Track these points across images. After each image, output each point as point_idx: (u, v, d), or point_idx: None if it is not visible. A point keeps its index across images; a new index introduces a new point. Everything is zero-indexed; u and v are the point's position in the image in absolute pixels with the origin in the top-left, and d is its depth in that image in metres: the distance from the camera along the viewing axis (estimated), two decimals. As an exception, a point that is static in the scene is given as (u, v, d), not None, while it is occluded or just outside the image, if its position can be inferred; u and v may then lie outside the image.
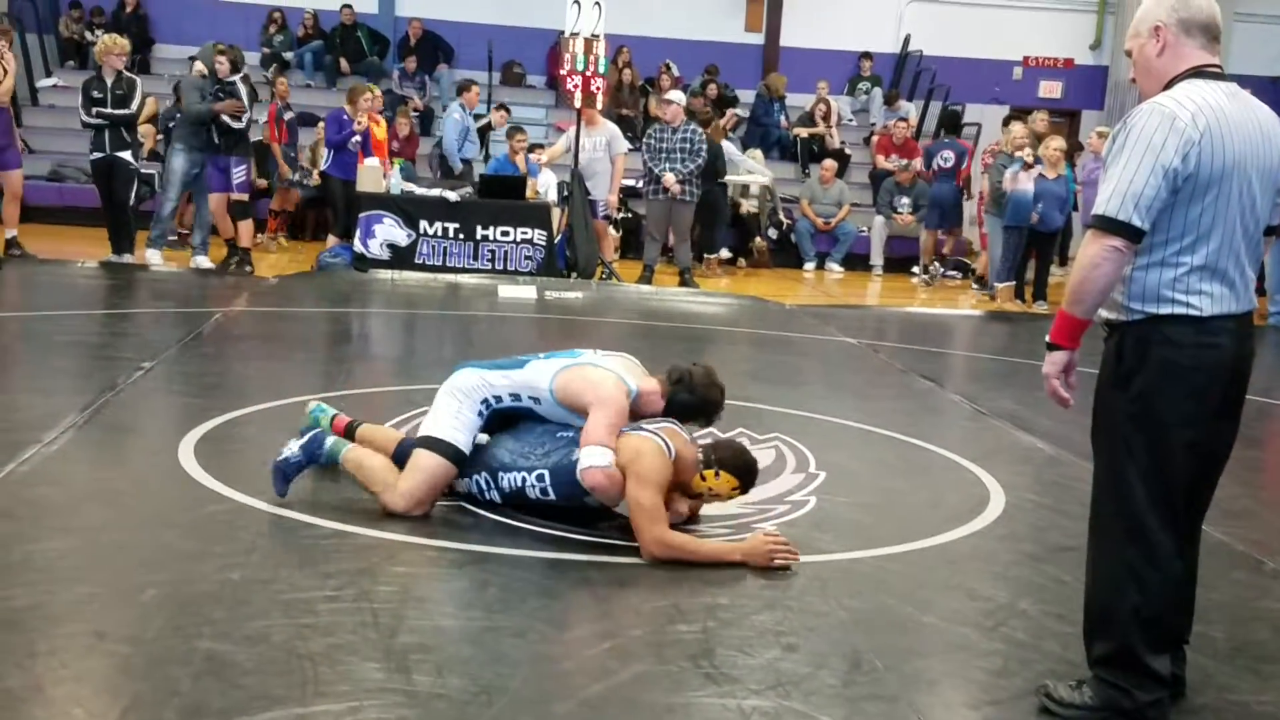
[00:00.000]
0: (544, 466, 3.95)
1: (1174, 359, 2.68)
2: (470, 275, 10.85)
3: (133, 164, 10.23)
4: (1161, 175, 2.60)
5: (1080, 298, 2.70)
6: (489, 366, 4.14)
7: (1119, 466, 2.76)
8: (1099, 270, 2.65)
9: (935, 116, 16.08)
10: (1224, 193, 2.66)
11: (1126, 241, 2.63)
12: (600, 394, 3.88)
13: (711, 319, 10.09)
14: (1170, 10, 2.76)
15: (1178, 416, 2.69)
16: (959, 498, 4.70)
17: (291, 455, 4.04)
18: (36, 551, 3.47)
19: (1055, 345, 2.78)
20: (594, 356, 4.10)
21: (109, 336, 7.56)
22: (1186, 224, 2.66)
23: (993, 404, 6.70)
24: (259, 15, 16.27)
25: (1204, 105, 2.65)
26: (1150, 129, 2.63)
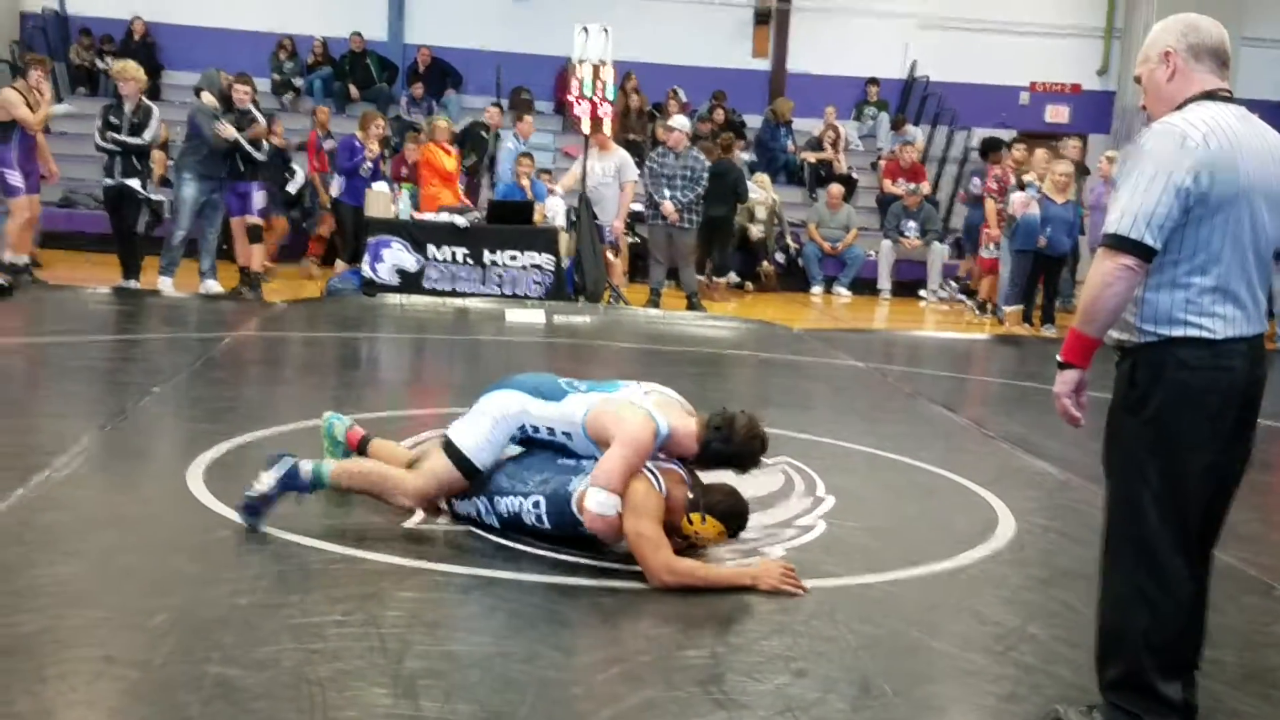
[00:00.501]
0: (540, 494, 3.95)
1: (1188, 382, 2.67)
2: (478, 300, 10.88)
3: (141, 192, 10.28)
4: (1174, 194, 2.60)
5: (1092, 316, 2.69)
6: (533, 393, 4.06)
7: (1132, 490, 2.74)
8: (1111, 289, 2.64)
9: (942, 141, 16.13)
10: (1235, 214, 2.66)
11: (1138, 260, 2.63)
12: (625, 430, 3.80)
13: (719, 342, 10.09)
14: (1180, 36, 2.77)
15: (1192, 440, 2.68)
16: (968, 522, 4.69)
17: (268, 489, 3.90)
18: (46, 576, 3.47)
19: (1067, 364, 2.77)
20: (633, 391, 4.03)
21: (119, 361, 7.59)
22: (1198, 244, 2.66)
23: (1001, 428, 6.69)
24: (269, 42, 16.39)
25: (1215, 126, 2.65)
26: (1162, 148, 2.63)
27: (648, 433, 3.81)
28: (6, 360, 7.55)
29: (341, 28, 16.29)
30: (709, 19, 17.25)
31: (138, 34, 16.01)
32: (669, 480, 3.88)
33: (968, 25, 17.48)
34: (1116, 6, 17.75)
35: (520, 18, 16.89)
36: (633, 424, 3.81)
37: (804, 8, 17.46)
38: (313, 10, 16.49)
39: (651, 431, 3.82)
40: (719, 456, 3.95)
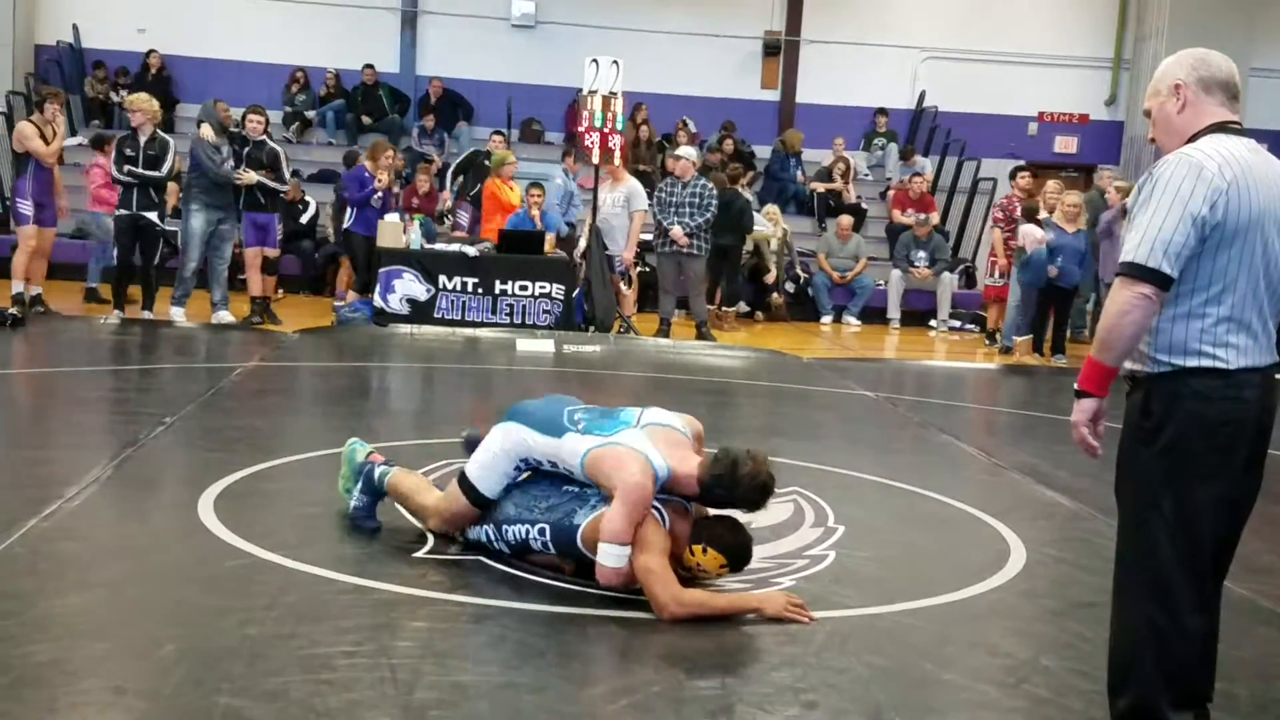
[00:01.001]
0: (545, 521, 3.97)
1: (1202, 412, 2.67)
2: (489, 329, 10.92)
3: (158, 224, 10.36)
4: (1190, 223, 2.62)
5: (1110, 345, 2.69)
6: (536, 426, 4.04)
7: (1144, 521, 2.74)
8: (1128, 317, 2.65)
9: (951, 171, 16.16)
10: (1249, 244, 2.67)
11: (1155, 289, 2.63)
12: (625, 483, 3.74)
13: (729, 372, 10.10)
14: (1190, 69, 2.79)
15: (1204, 471, 2.68)
16: (979, 553, 4.68)
17: (358, 503, 4.38)
18: (58, 606, 3.48)
19: (1084, 393, 2.77)
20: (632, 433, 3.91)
21: (131, 392, 7.62)
22: (1214, 274, 2.67)
23: (1012, 458, 6.67)
24: (282, 75, 16.54)
25: (1229, 157, 2.67)
26: (1178, 178, 2.64)
27: (647, 482, 3.77)
28: (20, 390, 7.59)
29: (354, 60, 16.43)
30: (718, 51, 17.36)
31: (153, 67, 16.16)
32: (673, 513, 3.89)
33: (976, 56, 17.56)
34: (1125, 37, 17.83)
35: (531, 50, 17.03)
36: (632, 476, 3.75)
37: (813, 39, 17.57)
38: (326, 43, 16.64)
39: (650, 479, 3.78)
40: (719, 502, 3.89)
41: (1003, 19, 17.55)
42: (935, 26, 17.55)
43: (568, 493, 4.00)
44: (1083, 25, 17.81)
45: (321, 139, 16.56)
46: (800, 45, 17.61)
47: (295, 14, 16.59)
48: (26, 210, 10.09)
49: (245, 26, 16.52)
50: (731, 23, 17.33)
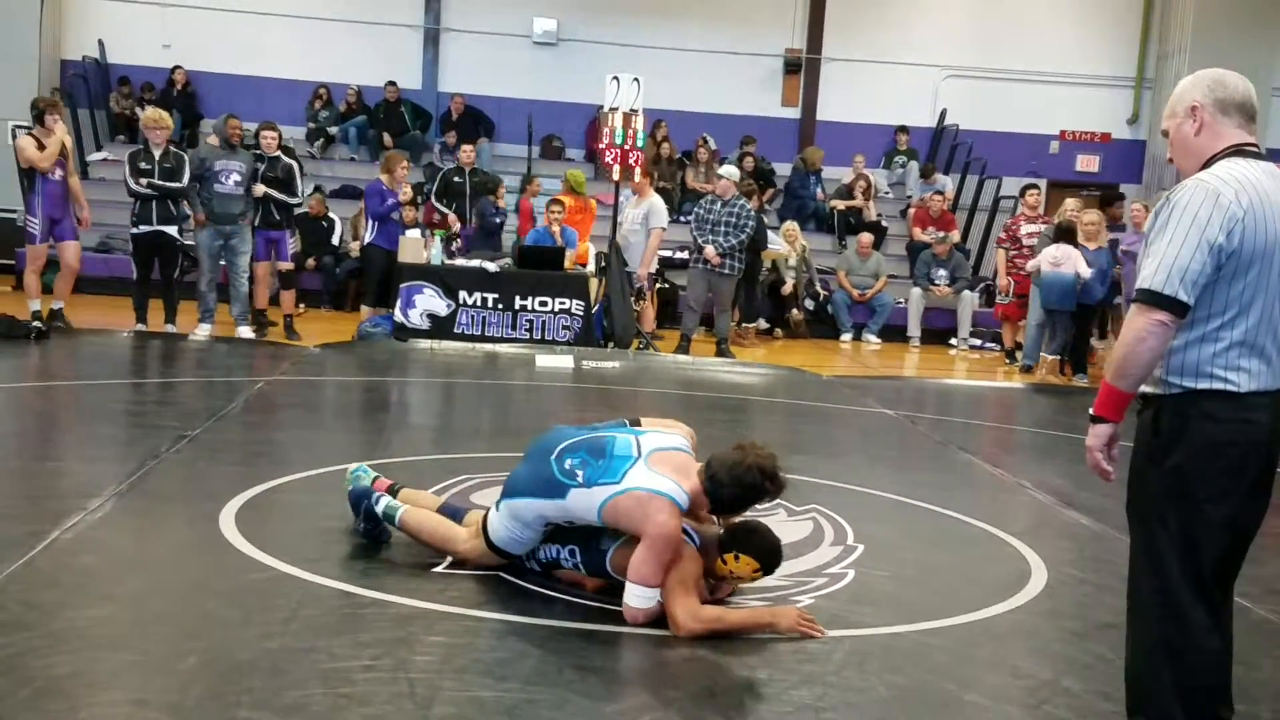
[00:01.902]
0: (575, 542, 3.98)
1: (1212, 434, 2.68)
2: (508, 345, 10.94)
3: (178, 239, 10.42)
4: (1207, 250, 2.62)
5: (1125, 371, 2.70)
6: (535, 494, 3.92)
7: (1154, 541, 2.74)
8: (1145, 344, 2.66)
9: (972, 190, 16.13)
10: (1264, 269, 2.68)
11: (1172, 316, 2.64)
12: (652, 528, 3.67)
13: (749, 389, 10.08)
14: (1207, 90, 2.79)
15: (1214, 492, 2.68)
16: (1000, 572, 4.65)
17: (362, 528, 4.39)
18: (79, 619, 3.50)
19: (1099, 418, 2.77)
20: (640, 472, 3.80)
21: (152, 405, 7.66)
22: (1229, 300, 2.67)
23: (1033, 477, 6.64)
24: (305, 91, 16.65)
25: (1246, 183, 2.67)
26: (1195, 204, 2.65)
27: (675, 522, 3.72)
28: (42, 404, 7.64)
29: (377, 77, 16.52)
30: (739, 69, 17.40)
31: (178, 83, 16.30)
32: (700, 531, 3.90)
33: (997, 74, 17.55)
34: (1147, 56, 17.78)
35: (552, 67, 17.10)
36: (658, 524, 3.67)
37: (833, 57, 17.58)
38: (349, 60, 16.75)
39: (677, 518, 3.74)
40: (732, 501, 3.81)
41: (1024, 37, 17.53)
42: (956, 44, 17.55)
43: None
44: (1105, 44, 17.77)
45: (344, 155, 16.65)
46: (821, 63, 17.62)
47: (319, 31, 16.71)
48: (35, 229, 10.05)
49: (269, 43, 16.65)
50: (752, 41, 17.37)
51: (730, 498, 3.78)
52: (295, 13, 16.60)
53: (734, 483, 3.73)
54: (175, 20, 16.56)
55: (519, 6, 17.02)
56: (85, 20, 16.55)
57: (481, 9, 17.03)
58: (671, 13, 17.02)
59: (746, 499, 3.80)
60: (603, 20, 16.97)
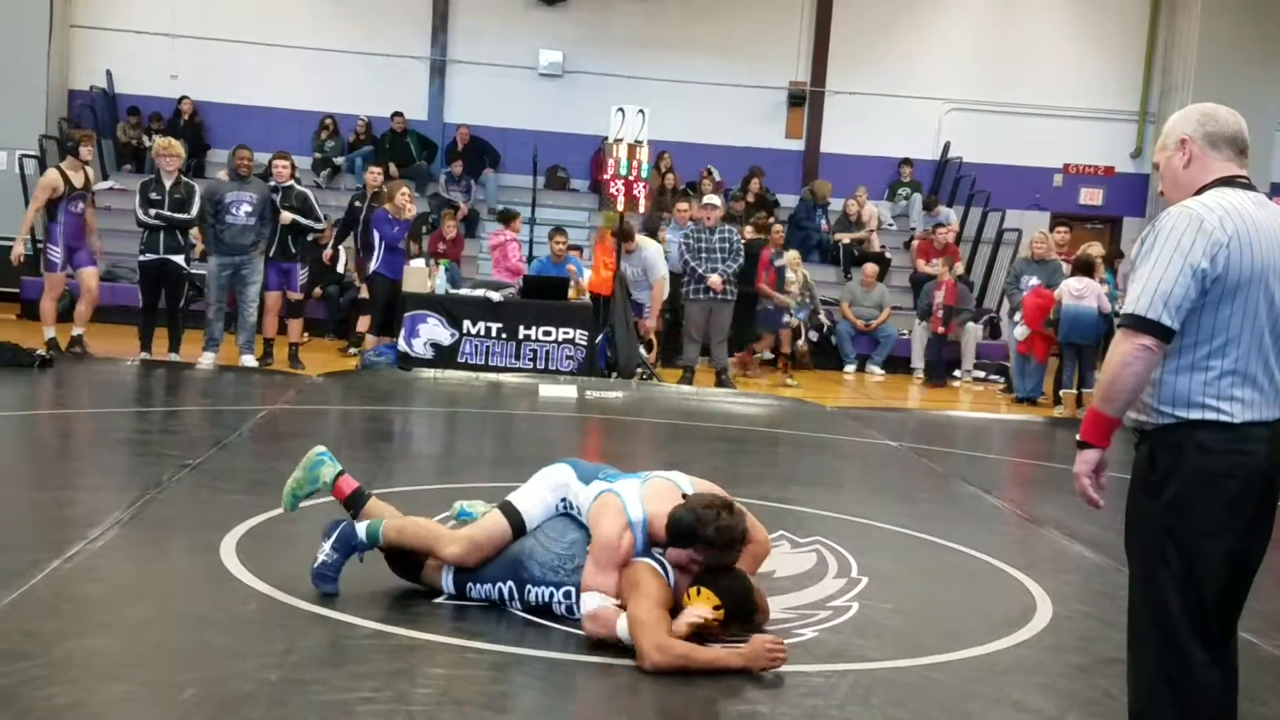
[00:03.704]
0: (571, 583, 3.93)
1: (1207, 465, 2.66)
2: (512, 374, 10.94)
3: (185, 268, 10.46)
4: (1190, 276, 2.63)
5: (1111, 396, 2.70)
6: (578, 472, 4.14)
7: (1153, 575, 2.73)
8: (1130, 369, 2.66)
9: (975, 222, 16.16)
10: (1251, 297, 2.68)
11: (1157, 340, 2.65)
12: (595, 531, 3.88)
13: (751, 420, 10.07)
14: (1197, 124, 2.81)
15: (1211, 525, 2.66)
16: (1005, 606, 4.62)
17: (328, 558, 4.10)
18: (80, 648, 3.48)
19: (1086, 444, 2.77)
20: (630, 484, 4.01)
21: (155, 434, 7.66)
22: (1215, 327, 2.67)
23: (1038, 510, 6.61)
24: (312, 121, 16.74)
25: (1231, 210, 2.69)
26: (1179, 230, 2.66)
27: (615, 528, 3.82)
28: (45, 431, 7.64)
29: (384, 107, 16.62)
30: (743, 101, 17.48)
31: (186, 113, 16.40)
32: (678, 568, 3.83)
33: (1000, 108, 17.61)
34: (1151, 91, 17.85)
35: (557, 98, 17.19)
36: (600, 521, 3.87)
37: (838, 90, 17.67)
38: (356, 91, 16.84)
39: (622, 525, 3.82)
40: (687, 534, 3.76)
41: (1028, 71, 17.61)
42: (960, 78, 17.63)
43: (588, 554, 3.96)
44: (1108, 78, 17.84)
45: (350, 185, 16.72)
46: (825, 96, 17.71)
47: (326, 62, 16.81)
48: (55, 257, 10.17)
49: (277, 74, 16.75)
50: (757, 73, 17.46)
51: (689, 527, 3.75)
52: (302, 44, 16.71)
53: (699, 518, 3.75)
54: (183, 51, 16.68)
55: (525, 39, 17.13)
56: (93, 50, 16.67)
57: (488, 41, 17.14)
58: (676, 45, 17.12)
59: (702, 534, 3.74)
60: (608, 52, 17.08)
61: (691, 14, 17.24)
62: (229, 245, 10.35)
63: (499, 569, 4.04)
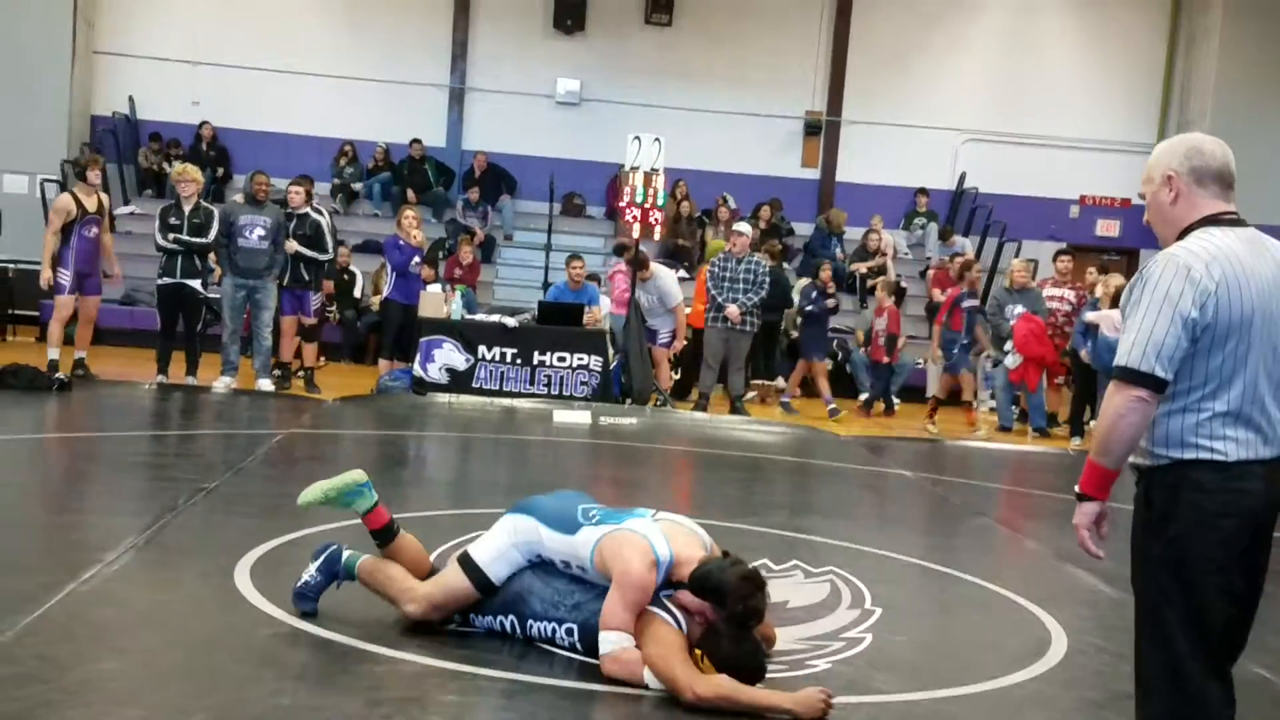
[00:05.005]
0: (573, 621, 3.88)
1: (1202, 504, 2.66)
2: (526, 400, 10.96)
3: (201, 293, 10.52)
4: (1180, 325, 2.62)
5: (1108, 449, 2.70)
6: (549, 523, 3.95)
7: (1158, 613, 2.72)
8: (1125, 420, 2.66)
9: (992, 252, 16.15)
10: (1244, 339, 2.66)
11: (1151, 391, 2.64)
12: (621, 567, 3.68)
13: (765, 448, 10.06)
14: (1183, 159, 2.79)
15: (1209, 562, 2.66)
16: (1019, 639, 4.59)
17: (311, 579, 4.15)
18: (93, 672, 3.49)
19: (1085, 496, 2.77)
20: (642, 521, 3.88)
21: (171, 458, 7.69)
22: (1209, 372, 2.66)
23: (1053, 543, 6.57)
24: (332, 148, 16.87)
25: (1218, 254, 2.66)
26: (1166, 280, 2.65)
27: (644, 566, 3.67)
28: (61, 454, 7.68)
29: (402, 134, 16.75)
30: (759, 130, 17.55)
31: (206, 139, 16.54)
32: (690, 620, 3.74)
33: (1017, 139, 17.64)
34: (1168, 122, 17.84)
35: (574, 126, 17.29)
36: (630, 560, 3.68)
37: (854, 120, 17.73)
38: (375, 118, 16.98)
39: (649, 564, 3.69)
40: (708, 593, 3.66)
41: (1044, 102, 17.63)
42: (976, 108, 17.67)
43: (592, 590, 3.89)
44: (1125, 109, 17.85)
45: (367, 210, 16.84)
46: (841, 125, 17.77)
47: (346, 89, 16.95)
48: (64, 280, 10.20)
49: (297, 100, 16.89)
50: (773, 103, 17.53)
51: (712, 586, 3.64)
52: (323, 71, 16.86)
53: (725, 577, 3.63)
54: (205, 78, 16.84)
55: (543, 67, 17.25)
56: (116, 76, 16.85)
57: (506, 69, 17.27)
58: (693, 75, 17.21)
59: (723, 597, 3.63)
60: (625, 81, 17.18)
61: (708, 43, 17.34)
62: (243, 268, 10.41)
63: (500, 603, 4.01)
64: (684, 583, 3.73)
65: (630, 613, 3.66)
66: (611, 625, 3.66)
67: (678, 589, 3.76)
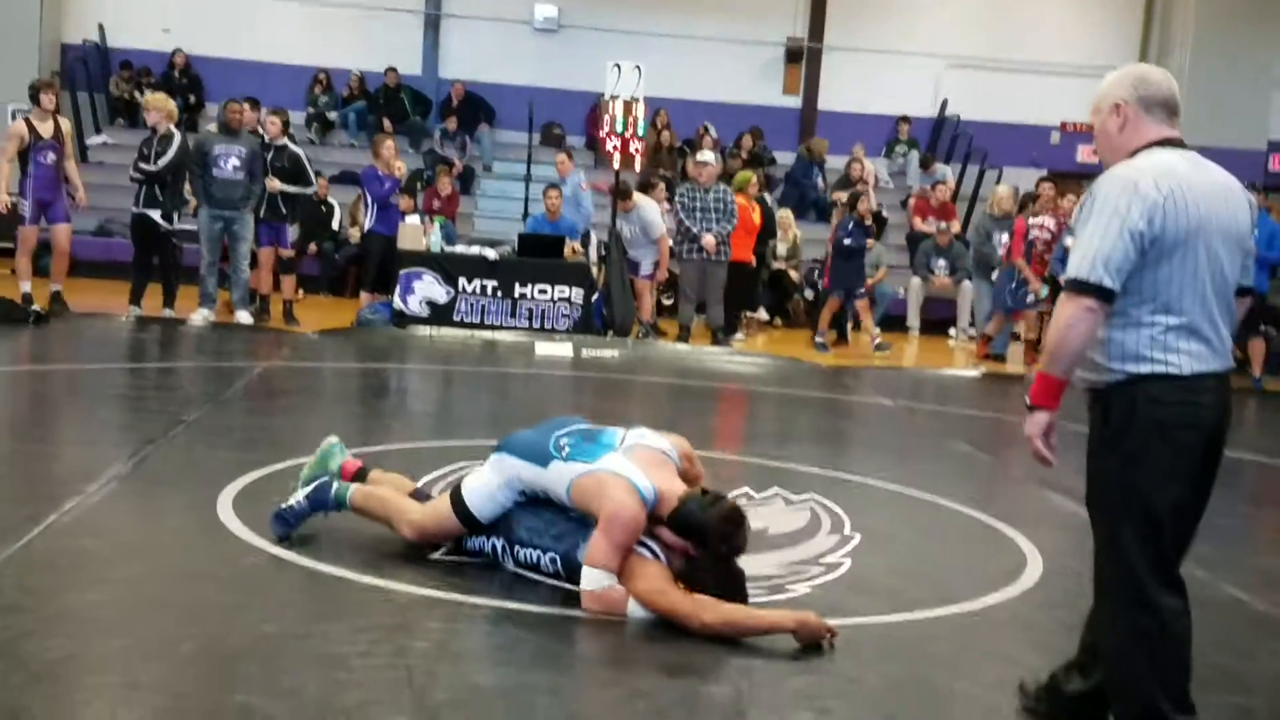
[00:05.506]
0: (556, 551, 3.89)
1: (1160, 417, 2.74)
2: (508, 332, 10.94)
3: (161, 224, 10.34)
4: (1128, 238, 2.70)
5: (1057, 358, 2.79)
6: (525, 457, 3.96)
7: (1115, 529, 2.79)
8: (1074, 330, 2.74)
9: (972, 180, 16.11)
10: (1190, 253, 2.74)
11: (1099, 302, 2.72)
12: (609, 510, 3.66)
13: (747, 378, 10.09)
14: (1130, 88, 2.90)
15: (1166, 475, 2.74)
16: (996, 563, 4.65)
17: (296, 504, 4.19)
18: (76, 603, 3.50)
19: (1036, 407, 2.85)
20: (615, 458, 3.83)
21: (150, 390, 7.66)
22: (1157, 285, 2.74)
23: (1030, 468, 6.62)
24: (305, 76, 16.62)
25: (1165, 171, 2.76)
26: (1114, 194, 2.74)
27: (631, 506, 3.67)
28: (41, 387, 7.64)
29: (377, 62, 16.49)
30: (741, 57, 17.35)
31: (178, 67, 16.26)
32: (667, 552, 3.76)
33: (998, 65, 17.50)
34: (1149, 49, 17.73)
35: (553, 54, 17.07)
36: (616, 501, 3.66)
37: (835, 46, 17.55)
38: (350, 45, 16.72)
39: (637, 504, 3.68)
40: (690, 528, 3.69)
41: (1027, 28, 17.49)
42: (959, 34, 17.51)
43: (573, 521, 3.91)
44: (1107, 36, 17.71)
45: (343, 140, 16.63)
46: (823, 52, 17.59)
47: (319, 16, 16.66)
48: (25, 211, 10.04)
49: (270, 28, 16.60)
50: (754, 29, 17.32)
51: (694, 522, 3.67)
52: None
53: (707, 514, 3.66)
54: (176, 4, 16.52)
55: (520, -8, 16.98)
56: (86, 4, 16.51)
57: (483, -5, 16.99)
58: (673, 0, 16.97)
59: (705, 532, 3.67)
60: (604, 7, 16.93)
61: (688, -32, 17.09)
62: (218, 199, 10.27)
63: (492, 526, 4.05)
64: (663, 520, 3.75)
65: (617, 552, 3.67)
66: (597, 563, 3.67)
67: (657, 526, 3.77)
